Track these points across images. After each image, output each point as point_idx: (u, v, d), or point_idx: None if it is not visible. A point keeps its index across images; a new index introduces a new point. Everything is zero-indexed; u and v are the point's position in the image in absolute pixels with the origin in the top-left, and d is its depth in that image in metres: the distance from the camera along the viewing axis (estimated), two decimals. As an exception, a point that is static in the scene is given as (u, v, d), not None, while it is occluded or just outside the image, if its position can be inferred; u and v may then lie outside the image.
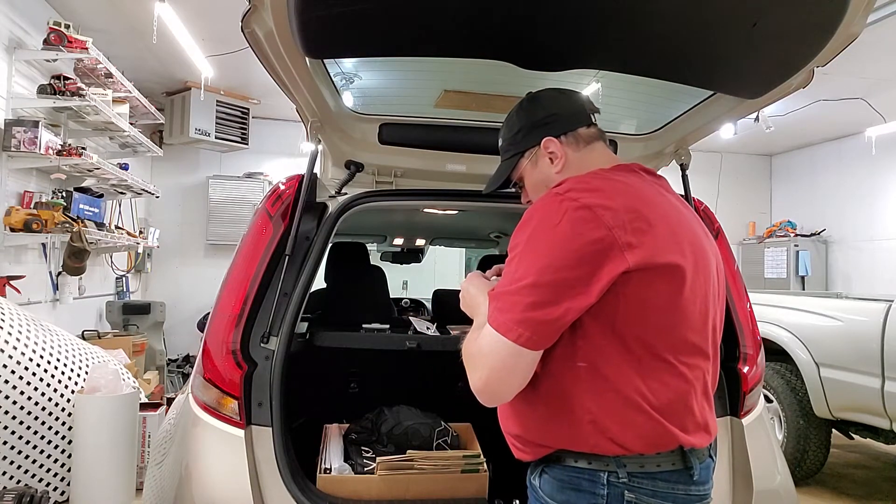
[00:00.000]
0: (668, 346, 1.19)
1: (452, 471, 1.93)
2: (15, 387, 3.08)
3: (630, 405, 1.17)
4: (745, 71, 1.64)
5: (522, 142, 1.41)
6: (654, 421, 1.18)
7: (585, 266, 1.12)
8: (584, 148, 1.37)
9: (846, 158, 7.95)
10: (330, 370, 2.61)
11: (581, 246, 1.13)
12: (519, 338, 1.12)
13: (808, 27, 1.42)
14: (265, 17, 1.50)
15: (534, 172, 1.41)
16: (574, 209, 1.16)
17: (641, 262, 1.14)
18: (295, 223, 1.91)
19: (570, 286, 1.12)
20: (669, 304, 1.19)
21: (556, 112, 1.39)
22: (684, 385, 1.21)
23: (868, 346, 3.77)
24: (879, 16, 3.99)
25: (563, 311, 1.13)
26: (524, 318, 1.12)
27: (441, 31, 1.52)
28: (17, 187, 4.16)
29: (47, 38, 4.09)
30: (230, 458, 1.68)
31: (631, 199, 1.22)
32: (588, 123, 1.38)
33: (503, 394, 1.19)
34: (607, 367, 1.17)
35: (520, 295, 1.13)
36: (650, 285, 1.17)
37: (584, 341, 1.17)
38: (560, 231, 1.15)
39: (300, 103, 1.97)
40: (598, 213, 1.15)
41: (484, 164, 2.38)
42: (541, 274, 1.13)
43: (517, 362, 1.15)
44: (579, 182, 1.24)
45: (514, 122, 1.44)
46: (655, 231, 1.19)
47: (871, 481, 4.65)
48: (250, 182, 7.35)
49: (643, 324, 1.17)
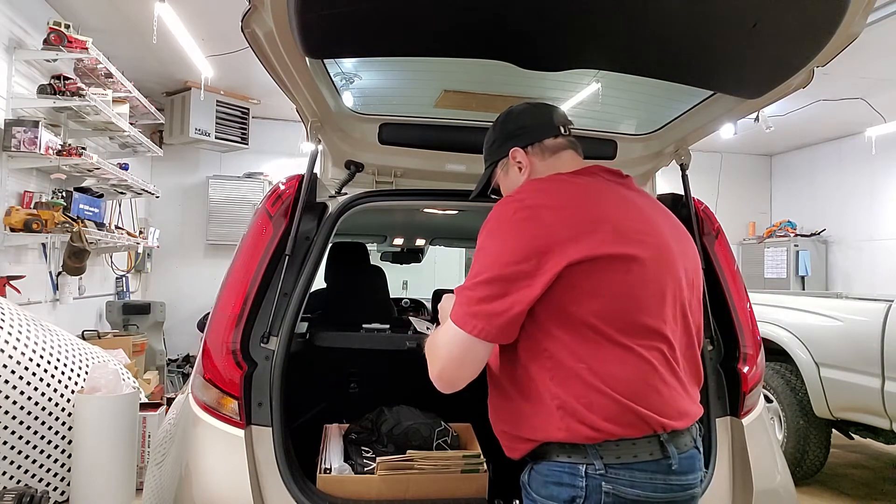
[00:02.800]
0: (621, 329, 1.26)
1: (452, 471, 1.93)
2: (15, 387, 3.08)
3: (591, 387, 1.24)
4: (745, 71, 1.64)
5: (496, 153, 1.54)
6: (616, 401, 1.23)
7: (529, 261, 1.22)
8: (549, 157, 1.47)
9: (846, 158, 7.96)
10: (330, 370, 2.61)
11: (524, 243, 1.24)
12: (473, 329, 1.23)
13: (808, 27, 1.42)
14: (265, 17, 1.50)
15: (506, 180, 1.54)
16: (518, 210, 1.29)
17: (584, 255, 1.24)
18: (295, 223, 1.91)
19: (516, 279, 1.23)
20: (619, 291, 1.27)
21: (525, 125, 1.51)
22: (643, 365, 1.27)
23: (868, 346, 3.77)
24: (879, 16, 3.99)
25: (510, 303, 1.23)
26: (477, 310, 1.24)
27: (441, 31, 1.52)
28: (17, 187, 4.16)
29: (47, 38, 4.09)
30: (230, 458, 1.68)
31: (576, 197, 1.34)
32: (556, 134, 1.49)
33: (457, 381, 1.29)
34: (565, 353, 1.25)
35: (474, 290, 1.25)
36: (596, 274, 1.25)
37: (542, 332, 1.26)
38: (506, 230, 1.27)
39: (300, 103, 1.97)
40: (539, 212, 1.27)
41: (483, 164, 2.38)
42: (490, 270, 1.24)
43: (470, 352, 1.26)
44: (529, 185, 1.40)
45: (491, 135, 1.58)
46: (599, 225, 1.28)
47: (871, 481, 4.65)
48: (250, 182, 7.35)
49: (594, 310, 1.25)
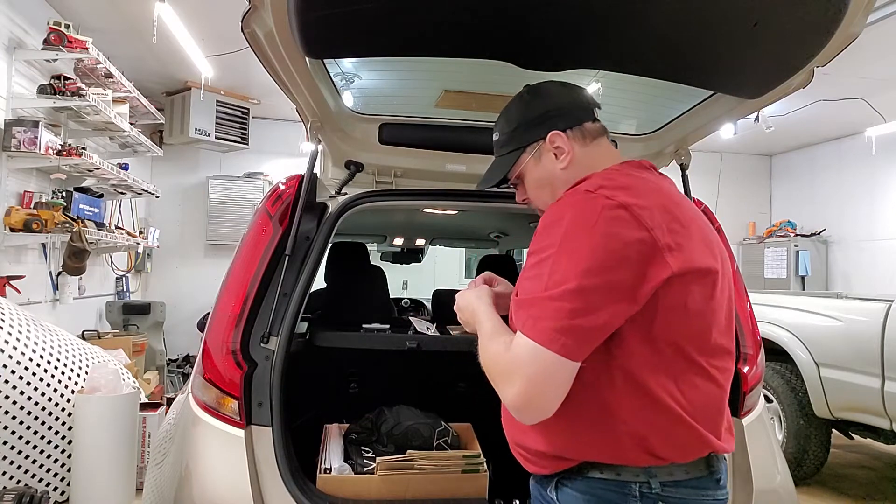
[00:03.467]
0: (700, 349, 1.15)
1: (452, 471, 1.93)
2: (15, 387, 3.08)
3: (668, 413, 1.11)
4: (745, 71, 1.64)
5: (525, 135, 1.33)
6: (690, 428, 1.13)
7: (628, 269, 1.06)
8: (590, 143, 1.30)
9: (846, 158, 7.95)
10: (330, 370, 2.61)
11: (622, 247, 1.06)
12: (562, 348, 1.04)
13: (808, 27, 1.41)
14: (265, 17, 1.50)
15: (536, 169, 1.33)
16: (611, 208, 1.09)
17: (681, 267, 1.09)
18: (295, 223, 1.91)
19: (614, 290, 1.05)
20: (703, 309, 1.14)
21: (562, 105, 1.32)
22: (716, 389, 1.18)
23: (868, 346, 3.77)
24: (879, 16, 3.99)
25: (608, 317, 1.06)
26: (567, 325, 1.04)
27: (441, 31, 1.52)
28: (17, 187, 4.16)
29: (47, 38, 4.09)
30: (230, 458, 1.67)
31: (661, 198, 1.17)
32: (593, 118, 1.32)
33: (546, 409, 1.08)
34: (643, 373, 1.11)
35: (562, 300, 1.05)
36: (687, 290, 1.11)
37: (619, 348, 1.10)
38: (598, 231, 1.07)
39: (300, 103, 1.97)
40: (636, 212, 1.09)
41: (484, 164, 2.37)
42: (583, 277, 1.04)
43: (557, 374, 1.06)
44: (607, 179, 1.17)
45: (515, 116, 1.36)
46: (689, 233, 1.14)
47: (872, 481, 4.65)
48: (250, 182, 7.35)
49: (680, 329, 1.12)
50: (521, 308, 1.10)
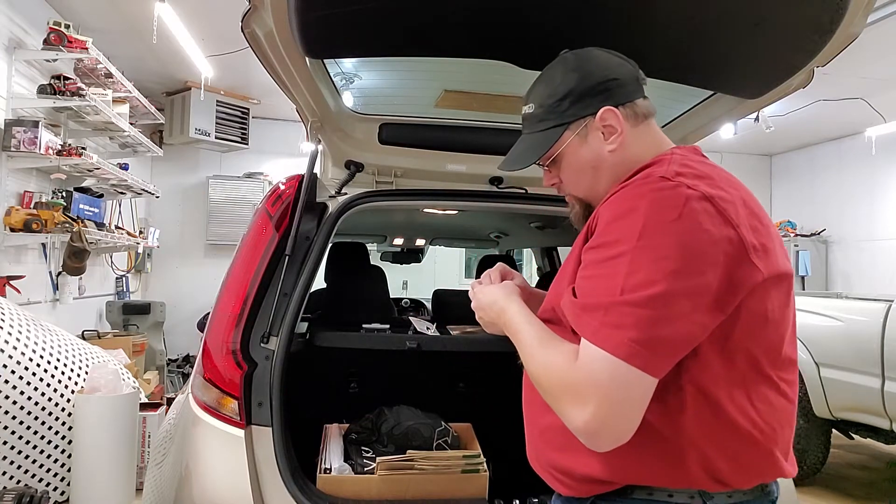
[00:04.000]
0: (772, 361, 1.03)
1: (452, 471, 1.92)
2: (15, 387, 3.08)
3: (739, 433, 0.99)
4: (745, 71, 1.65)
5: (570, 110, 1.13)
6: (762, 450, 1.01)
7: (717, 272, 0.92)
8: (640, 124, 1.14)
9: (846, 158, 7.95)
10: (330, 370, 2.60)
11: (710, 247, 0.93)
12: (646, 363, 0.90)
13: (808, 27, 1.42)
14: (265, 17, 1.50)
15: (580, 149, 1.15)
16: (693, 198, 0.95)
17: (769, 271, 0.97)
18: (295, 223, 1.91)
19: (703, 296, 0.91)
20: (780, 318, 1.02)
21: (617, 77, 1.13)
22: (787, 404, 1.05)
23: (868, 346, 3.77)
24: (879, 16, 3.99)
25: (697, 328, 0.92)
26: (651, 337, 0.90)
27: (441, 31, 1.52)
28: (17, 187, 4.16)
29: (47, 38, 4.08)
30: (230, 458, 1.67)
31: (740, 190, 1.03)
32: (643, 95, 1.16)
33: (625, 433, 0.93)
34: (717, 388, 0.98)
35: (646, 307, 0.90)
36: (768, 297, 0.99)
37: (693, 361, 0.96)
38: (683, 227, 0.93)
39: (300, 103, 1.97)
40: (721, 206, 0.96)
41: (484, 164, 2.38)
42: (671, 280, 0.90)
43: (640, 393, 0.92)
44: (683, 166, 1.02)
45: (560, 85, 1.15)
46: (769, 232, 1.02)
47: (872, 481, 4.64)
48: (250, 182, 7.35)
49: (758, 340, 1.00)
50: (588, 312, 0.95)
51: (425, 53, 1.70)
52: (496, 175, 2.42)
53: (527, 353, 1.06)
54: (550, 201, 2.22)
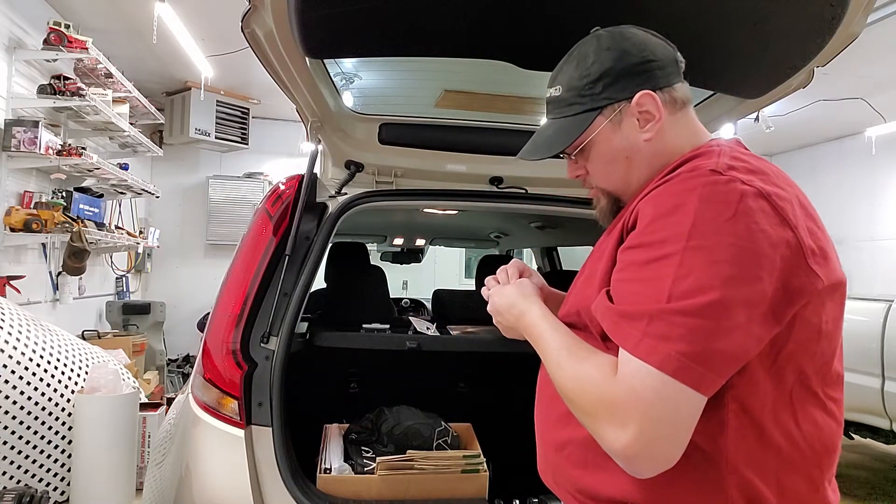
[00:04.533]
0: (822, 378, 0.94)
1: (452, 471, 1.93)
2: (15, 387, 3.08)
3: (784, 458, 0.90)
4: (745, 71, 1.65)
5: (604, 93, 1.02)
6: (806, 477, 0.92)
7: (775, 279, 0.83)
8: (679, 111, 1.04)
9: (846, 158, 7.95)
10: (330, 370, 2.61)
11: (769, 250, 0.83)
12: (698, 379, 0.80)
13: (808, 27, 1.42)
14: (265, 17, 1.50)
15: (613, 137, 1.04)
16: (752, 196, 0.86)
17: (828, 279, 0.88)
18: (295, 223, 1.91)
19: (759, 305, 0.82)
20: (832, 330, 0.93)
21: (655, 58, 1.02)
22: (835, 426, 0.95)
23: (868, 346, 3.77)
24: (879, 16, 3.99)
25: (753, 340, 0.83)
26: (705, 350, 0.80)
27: (441, 31, 1.52)
28: (17, 187, 4.16)
29: (47, 38, 4.08)
30: (230, 458, 1.67)
31: (794, 188, 0.94)
32: (682, 80, 1.06)
33: (672, 457, 0.84)
34: (763, 409, 0.88)
35: (698, 317, 0.81)
36: (823, 307, 0.90)
37: (741, 378, 0.86)
38: (739, 227, 0.83)
39: (300, 103, 1.97)
40: (778, 204, 0.87)
41: (484, 164, 2.39)
42: (727, 287, 0.81)
43: (688, 412, 0.82)
44: (734, 159, 0.93)
45: (594, 65, 1.03)
46: (825, 235, 0.93)
47: (872, 481, 4.64)
48: (250, 182, 7.35)
49: (809, 356, 0.91)
50: (630, 321, 0.85)
51: (425, 53, 1.70)
52: (496, 175, 2.43)
53: (553, 363, 0.97)
54: (550, 201, 2.21)
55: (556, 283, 1.31)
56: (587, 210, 2.19)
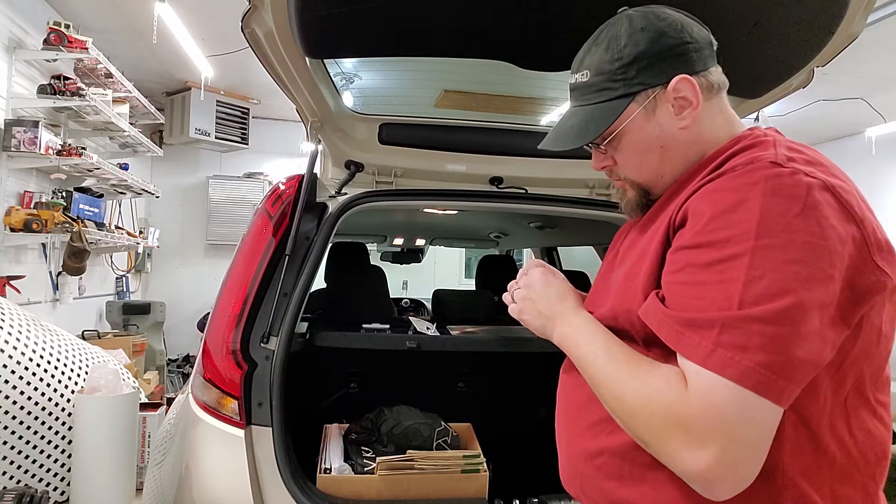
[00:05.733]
0: (875, 382, 0.89)
1: (452, 471, 1.93)
2: (15, 387, 3.08)
3: (838, 469, 0.84)
4: (745, 71, 1.64)
5: (638, 77, 0.94)
6: (860, 486, 0.87)
7: (841, 278, 0.78)
8: (714, 97, 0.98)
9: (846, 158, 7.94)
10: (330, 370, 2.61)
11: (839, 247, 0.78)
12: (780, 393, 0.74)
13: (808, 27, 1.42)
14: (265, 17, 1.50)
15: (646, 126, 0.96)
16: (819, 189, 0.80)
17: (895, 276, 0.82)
18: (295, 223, 1.91)
19: (830, 307, 0.77)
20: (890, 333, 0.88)
21: (691, 40, 0.95)
22: (885, 432, 0.90)
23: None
24: (879, 16, 3.99)
25: (830, 346, 0.77)
26: (785, 361, 0.74)
27: (441, 31, 1.52)
28: (17, 187, 4.16)
29: (47, 38, 4.08)
30: (230, 458, 1.67)
31: (851, 181, 0.89)
32: (717, 63, 0.99)
33: (751, 476, 0.77)
34: (818, 418, 0.83)
35: (776, 323, 0.74)
36: (884, 308, 0.85)
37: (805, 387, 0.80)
38: (808, 223, 0.77)
39: (300, 103, 1.97)
40: (843, 197, 0.82)
41: (484, 164, 2.39)
42: (804, 289, 0.75)
43: (769, 427, 0.76)
44: (792, 150, 0.88)
45: (627, 47, 0.95)
46: (884, 230, 0.87)
47: (871, 481, 4.64)
48: (250, 182, 7.35)
49: (870, 360, 0.85)
50: (696, 330, 0.78)
51: (425, 53, 1.70)
52: (496, 175, 2.43)
53: (605, 374, 0.89)
54: (551, 201, 2.22)
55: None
56: (587, 210, 2.20)
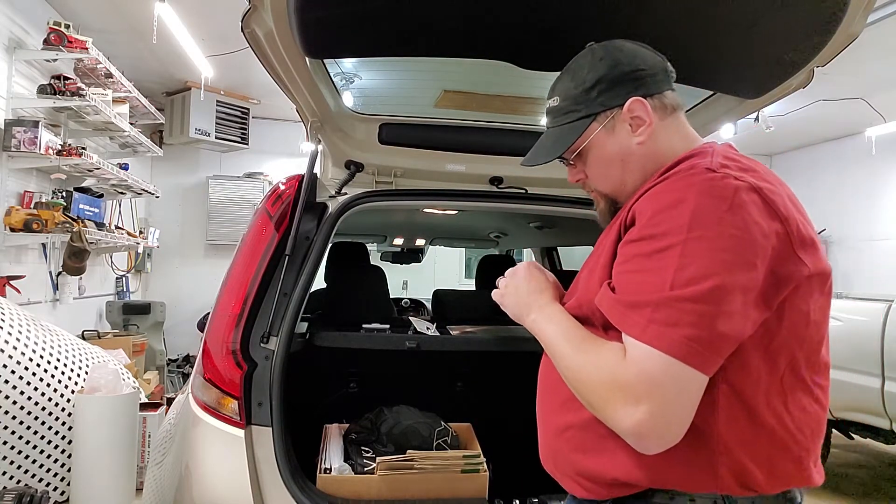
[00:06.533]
0: (810, 365, 1.01)
1: (452, 471, 1.93)
2: (15, 387, 3.08)
3: (774, 441, 0.96)
4: (745, 71, 1.65)
5: (598, 100, 1.10)
6: (795, 458, 0.99)
7: (767, 266, 0.91)
8: (669, 118, 1.12)
9: (846, 158, 7.95)
10: (330, 370, 2.61)
11: (762, 239, 0.91)
12: (702, 361, 0.87)
13: (808, 27, 1.42)
14: (265, 17, 1.50)
15: (607, 142, 1.11)
16: (745, 190, 0.93)
17: (815, 268, 0.96)
18: (295, 223, 1.91)
19: (753, 290, 0.90)
20: (820, 319, 1.01)
21: (645, 67, 1.11)
22: (820, 411, 1.03)
23: (868, 346, 3.77)
24: (879, 16, 3.99)
25: (750, 323, 0.90)
26: (708, 334, 0.87)
27: (441, 31, 1.52)
28: (17, 187, 4.16)
29: (47, 38, 4.09)
30: (230, 458, 1.68)
31: (783, 185, 1.01)
32: (672, 88, 1.14)
33: (679, 434, 0.90)
34: (754, 393, 0.95)
35: (701, 302, 0.87)
36: (811, 296, 0.97)
37: (733, 362, 0.93)
38: (735, 219, 0.90)
39: (300, 103, 1.97)
40: (769, 198, 0.94)
41: (484, 164, 2.39)
42: (726, 274, 0.88)
43: (695, 392, 0.89)
44: (728, 159, 1.00)
45: (588, 75, 1.11)
46: (812, 228, 1.00)
47: (871, 481, 4.65)
48: (250, 182, 7.35)
49: (800, 342, 0.98)
50: (635, 309, 0.91)
51: (425, 53, 1.70)
52: (496, 175, 2.43)
53: (564, 351, 1.02)
54: (550, 201, 2.21)
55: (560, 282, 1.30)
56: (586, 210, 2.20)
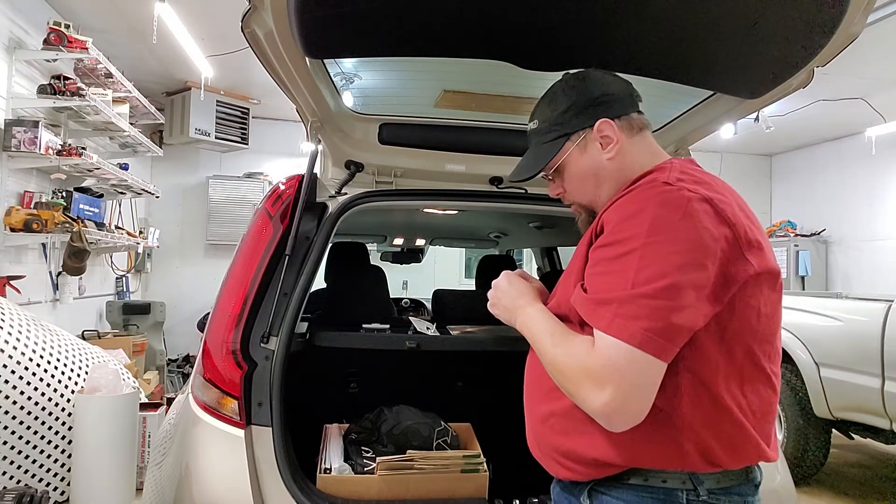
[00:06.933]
0: (766, 354, 1.13)
1: (452, 471, 1.93)
2: (15, 387, 3.08)
3: (733, 421, 1.09)
4: (745, 71, 1.64)
5: (571, 122, 1.26)
6: (749, 435, 1.11)
7: (716, 266, 1.03)
8: (636, 135, 1.26)
9: (846, 158, 7.95)
10: (330, 370, 2.61)
11: (712, 243, 1.03)
12: (658, 349, 1.00)
13: (808, 27, 1.42)
14: (265, 17, 1.50)
15: (581, 159, 1.26)
16: (697, 201, 1.06)
17: (761, 267, 1.08)
18: (295, 223, 1.91)
19: (704, 287, 1.02)
20: (772, 312, 1.13)
21: (612, 92, 1.27)
22: (773, 395, 1.16)
23: (868, 346, 3.77)
24: (879, 16, 3.99)
25: (701, 316, 1.03)
26: (662, 326, 1.00)
27: (441, 31, 1.52)
28: (17, 187, 4.16)
29: (47, 38, 4.09)
30: (230, 458, 1.68)
31: (734, 195, 1.16)
32: (638, 110, 1.29)
33: (641, 414, 1.03)
34: (714, 378, 1.07)
35: (657, 298, 1.00)
36: (760, 292, 1.10)
37: (692, 351, 1.06)
38: (688, 225, 1.03)
39: (300, 103, 1.97)
40: (719, 207, 1.07)
41: (484, 164, 2.39)
42: (678, 273, 1.00)
43: (654, 377, 1.02)
44: (683, 173, 1.14)
45: (562, 100, 1.28)
46: (761, 232, 1.13)
47: (871, 481, 4.65)
48: (250, 182, 7.35)
49: (752, 333, 1.10)
50: (602, 306, 1.04)
51: (425, 53, 1.70)
52: (496, 175, 2.43)
53: (544, 344, 1.15)
54: (550, 201, 2.21)
55: (556, 282, 1.31)
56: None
